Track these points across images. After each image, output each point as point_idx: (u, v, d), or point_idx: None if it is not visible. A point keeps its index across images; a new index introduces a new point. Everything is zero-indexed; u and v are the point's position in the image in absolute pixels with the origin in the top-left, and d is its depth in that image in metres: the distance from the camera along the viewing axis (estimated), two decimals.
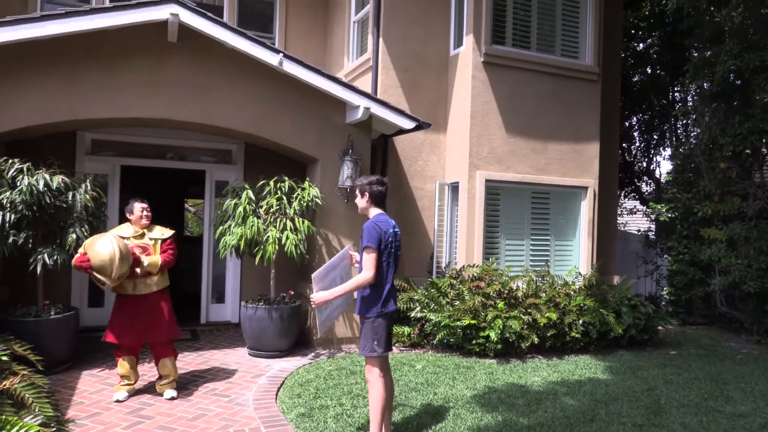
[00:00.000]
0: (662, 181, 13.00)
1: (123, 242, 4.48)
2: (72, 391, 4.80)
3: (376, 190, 3.79)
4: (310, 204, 6.30)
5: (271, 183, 6.39)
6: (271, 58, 5.98)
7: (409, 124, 6.70)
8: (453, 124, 7.88)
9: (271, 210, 6.22)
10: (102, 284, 4.42)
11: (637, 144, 14.28)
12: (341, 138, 6.65)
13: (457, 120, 7.77)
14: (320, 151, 6.59)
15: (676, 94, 13.03)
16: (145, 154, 7.20)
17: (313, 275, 3.72)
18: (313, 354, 6.23)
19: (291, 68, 6.09)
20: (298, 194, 6.32)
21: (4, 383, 3.52)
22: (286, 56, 6.05)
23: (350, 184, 6.43)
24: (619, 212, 12.13)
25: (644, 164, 14.07)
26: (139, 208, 4.75)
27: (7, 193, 4.99)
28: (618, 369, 6.05)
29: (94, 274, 4.36)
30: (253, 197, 6.24)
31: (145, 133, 6.98)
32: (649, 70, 13.22)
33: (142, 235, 4.74)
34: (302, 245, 6.09)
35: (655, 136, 13.79)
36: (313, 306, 3.69)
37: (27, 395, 3.63)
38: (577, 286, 7.41)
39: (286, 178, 6.46)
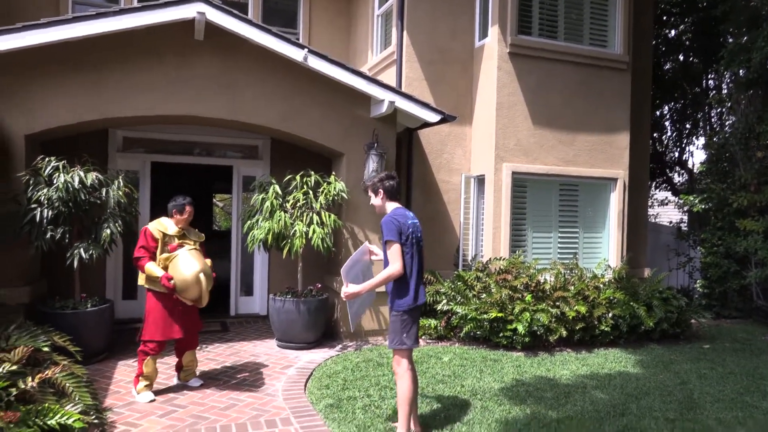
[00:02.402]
0: (695, 171, 12.67)
1: (206, 264, 4.55)
2: (109, 380, 4.95)
3: (388, 185, 3.84)
4: (336, 198, 6.34)
5: (298, 177, 6.46)
6: (296, 54, 6.02)
7: (434, 117, 6.67)
8: (478, 116, 7.81)
9: (298, 204, 6.29)
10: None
11: (669, 134, 13.95)
12: (366, 132, 6.66)
13: (482, 112, 7.71)
14: (345, 146, 6.62)
15: (709, 81, 12.67)
16: (174, 151, 7.34)
17: (341, 270, 3.79)
18: (340, 346, 6.29)
19: (316, 63, 6.13)
20: (324, 188, 6.36)
21: (46, 373, 3.65)
22: (310, 51, 6.08)
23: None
24: (650, 204, 11.88)
25: (676, 154, 13.74)
26: (190, 210, 4.70)
27: (45, 190, 5.16)
28: (649, 363, 5.95)
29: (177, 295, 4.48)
30: (280, 192, 6.31)
31: (173, 130, 7.12)
32: (681, 58, 12.88)
33: (184, 235, 4.73)
34: (329, 239, 6.14)
35: (688, 126, 13.44)
36: (344, 299, 3.74)
37: (67, 384, 3.76)
38: (607, 279, 7.30)
39: (312, 172, 6.51)
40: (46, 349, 4.07)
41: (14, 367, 3.54)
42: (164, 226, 4.67)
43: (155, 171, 7.46)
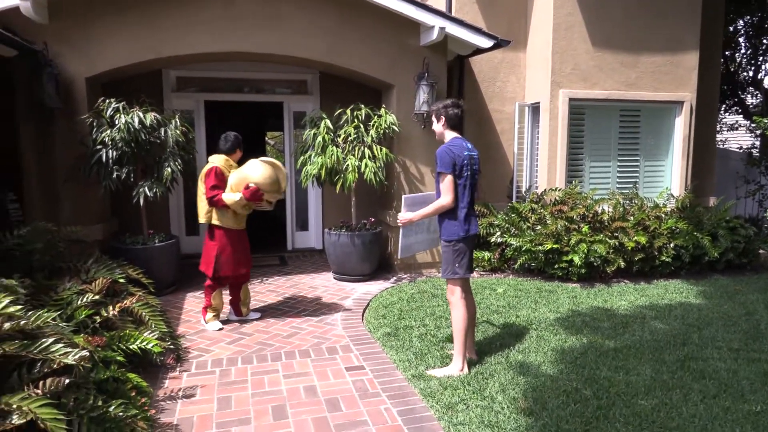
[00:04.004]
0: None
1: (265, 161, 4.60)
2: (180, 310, 5.29)
3: (451, 113, 3.75)
4: (387, 131, 6.28)
5: (348, 111, 6.40)
6: None
7: (486, 43, 6.37)
8: (533, 40, 7.40)
9: (349, 138, 6.27)
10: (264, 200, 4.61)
11: (743, 51, 12.82)
12: (416, 62, 6.46)
13: (537, 35, 7.29)
14: (395, 77, 6.46)
15: None
16: (225, 89, 7.39)
17: (404, 196, 3.84)
18: (394, 278, 6.42)
19: None
20: (375, 122, 6.29)
21: (124, 302, 3.93)
22: None
23: (426, 109, 6.31)
24: (718, 128, 11.15)
25: (750, 74, 12.67)
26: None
27: (108, 131, 5.34)
28: (712, 293, 5.79)
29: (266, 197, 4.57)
30: (331, 126, 6.29)
31: (224, 67, 7.13)
32: None
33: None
34: (381, 172, 6.13)
35: (765, 41, 12.28)
36: (399, 224, 3.79)
37: (144, 313, 4.04)
38: (669, 209, 7.03)
39: (362, 105, 6.43)
40: (122, 280, 4.35)
41: (96, 297, 3.82)
42: (230, 164, 4.71)
43: (208, 111, 7.56)
